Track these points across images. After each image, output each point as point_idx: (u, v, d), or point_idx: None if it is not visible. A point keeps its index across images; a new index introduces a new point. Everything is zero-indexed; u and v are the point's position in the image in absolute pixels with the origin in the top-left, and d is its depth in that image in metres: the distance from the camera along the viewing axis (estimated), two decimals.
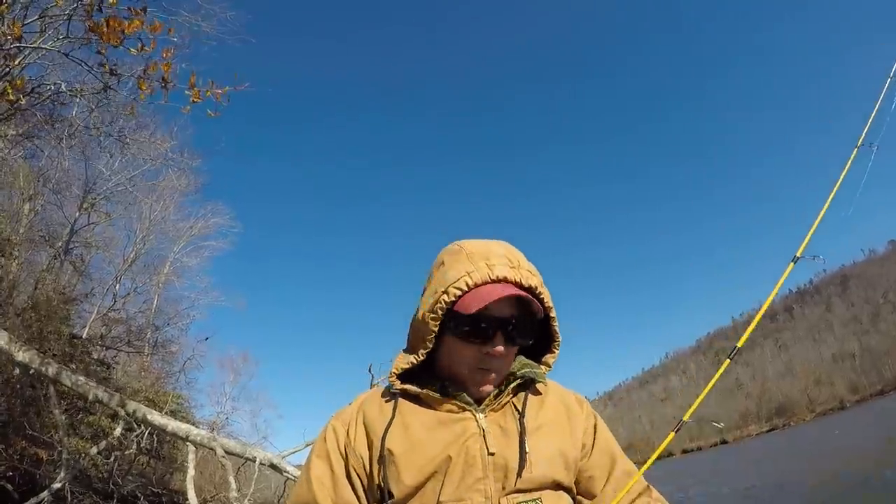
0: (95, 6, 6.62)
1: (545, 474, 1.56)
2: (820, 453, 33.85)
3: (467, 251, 1.62)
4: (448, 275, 1.58)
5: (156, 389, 24.39)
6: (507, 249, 1.64)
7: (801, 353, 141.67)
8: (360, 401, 1.72)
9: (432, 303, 1.57)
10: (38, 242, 21.53)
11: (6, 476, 12.48)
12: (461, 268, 1.57)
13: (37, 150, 16.99)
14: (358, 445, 1.60)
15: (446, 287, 1.55)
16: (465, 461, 1.52)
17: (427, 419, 1.59)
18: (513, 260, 1.59)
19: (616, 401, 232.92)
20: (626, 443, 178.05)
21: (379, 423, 1.60)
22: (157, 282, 32.33)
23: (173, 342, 31.74)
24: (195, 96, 7.52)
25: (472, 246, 1.64)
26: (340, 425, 1.66)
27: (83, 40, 7.26)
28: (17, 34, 7.08)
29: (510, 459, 1.54)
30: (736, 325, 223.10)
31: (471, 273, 1.54)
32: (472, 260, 1.58)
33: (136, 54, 7.12)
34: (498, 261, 1.57)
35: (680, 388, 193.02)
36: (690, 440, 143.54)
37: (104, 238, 28.16)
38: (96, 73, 7.73)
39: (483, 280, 1.52)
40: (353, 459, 1.59)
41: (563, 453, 1.62)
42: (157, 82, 7.45)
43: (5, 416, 13.49)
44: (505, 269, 1.54)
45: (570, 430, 1.70)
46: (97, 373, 19.32)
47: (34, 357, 9.81)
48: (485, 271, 1.53)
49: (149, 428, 10.28)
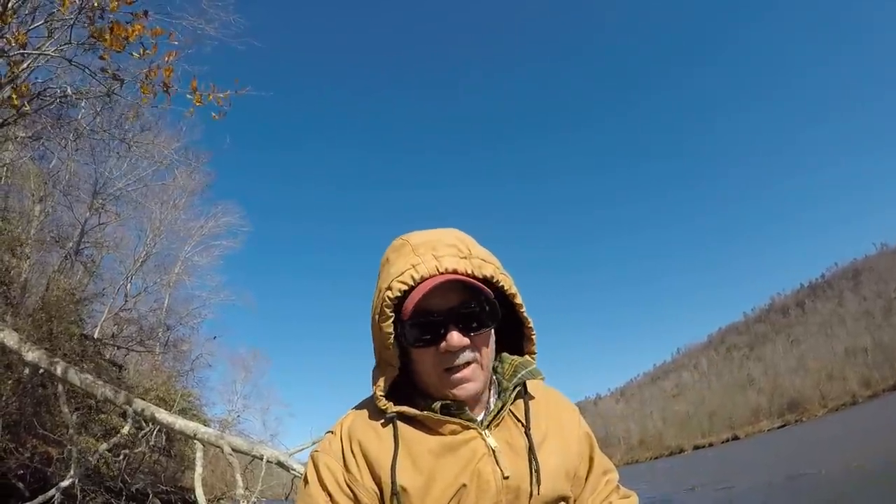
0: (97, 13, 6.71)
1: (553, 490, 1.47)
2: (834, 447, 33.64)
3: (412, 244, 1.46)
4: (391, 270, 1.43)
5: (167, 388, 24.54)
6: (456, 238, 1.49)
7: (813, 347, 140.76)
8: (344, 428, 1.51)
9: (377, 303, 1.43)
10: (49, 243, 21.64)
11: (17, 474, 12.62)
12: (405, 261, 1.42)
13: (46, 152, 17.13)
14: (366, 481, 1.41)
15: (389, 283, 1.40)
16: (478, 487, 1.39)
17: (433, 446, 1.42)
18: (462, 249, 1.44)
19: (628, 397, 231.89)
20: (638, 439, 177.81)
21: (383, 454, 1.41)
22: (168, 281, 32.52)
23: (184, 341, 31.94)
24: (197, 100, 7.59)
25: (418, 237, 1.48)
26: (334, 461, 1.46)
27: (87, 46, 7.35)
28: (21, 41, 7.18)
29: (522, 480, 1.42)
30: (748, 320, 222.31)
31: (416, 266, 1.39)
32: (418, 252, 1.43)
33: (139, 58, 7.22)
34: (446, 251, 1.42)
35: (692, 383, 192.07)
36: (702, 436, 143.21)
37: (115, 238, 28.35)
38: (99, 78, 7.83)
39: (430, 273, 1.37)
40: (365, 497, 1.40)
41: (564, 464, 1.53)
42: (159, 86, 7.54)
43: (17, 414, 13.62)
44: (454, 260, 1.40)
45: (567, 438, 1.60)
46: (109, 372, 19.43)
47: (42, 357, 9.94)
48: (432, 263, 1.38)
49: (157, 426, 10.41)
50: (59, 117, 10.98)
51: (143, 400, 11.00)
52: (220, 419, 35.49)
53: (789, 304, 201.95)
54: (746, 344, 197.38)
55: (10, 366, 13.08)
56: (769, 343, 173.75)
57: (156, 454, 18.18)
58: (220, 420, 35.26)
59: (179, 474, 22.14)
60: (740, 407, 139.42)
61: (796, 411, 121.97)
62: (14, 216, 18.22)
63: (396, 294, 1.37)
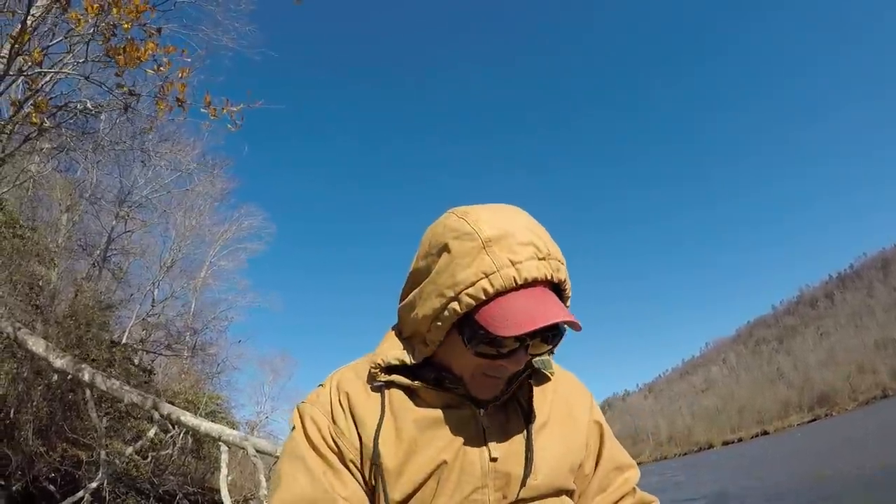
0: (111, 31, 6.87)
1: (550, 481, 1.35)
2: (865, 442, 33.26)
3: (483, 237, 1.21)
4: (458, 275, 1.20)
5: (195, 391, 24.73)
6: (532, 230, 1.25)
7: (843, 340, 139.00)
8: (335, 383, 1.40)
9: (437, 308, 1.24)
10: (76, 252, 21.89)
11: (48, 477, 12.83)
12: (477, 267, 1.18)
13: (72, 163, 17.45)
14: (352, 437, 1.32)
15: (458, 293, 1.20)
16: (461, 467, 1.28)
17: (420, 416, 1.31)
18: (541, 248, 1.21)
19: (657, 392, 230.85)
20: (667, 435, 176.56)
21: (369, 417, 1.31)
22: (195, 286, 32.72)
23: (212, 344, 32.10)
24: (212, 113, 7.71)
25: (487, 226, 1.23)
26: (321, 414, 1.35)
27: (102, 62, 7.52)
28: (37, 60, 7.37)
29: (513, 465, 1.31)
30: (776, 313, 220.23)
31: (490, 277, 1.17)
32: (491, 253, 1.19)
33: (153, 74, 7.38)
34: (524, 253, 1.19)
35: (720, 378, 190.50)
36: (731, 431, 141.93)
37: (141, 245, 28.48)
38: (116, 94, 8.01)
39: (508, 286, 1.17)
40: (351, 453, 1.31)
41: (567, 455, 1.41)
42: (173, 101, 7.68)
43: (47, 419, 13.85)
44: (534, 267, 1.18)
45: (574, 426, 1.47)
46: (138, 377, 19.66)
47: (70, 363, 10.17)
48: (509, 273, 1.17)
49: (183, 429, 10.60)
50: (82, 129, 11.22)
51: (171, 404, 11.20)
52: (248, 421, 35.86)
53: (818, 296, 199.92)
54: (775, 337, 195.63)
55: (40, 372, 13.30)
56: (798, 336, 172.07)
57: (184, 456, 18.37)
58: (248, 422, 35.63)
59: (209, 475, 22.31)
60: (769, 401, 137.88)
61: (826, 405, 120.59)
62: (42, 226, 18.51)
63: (465, 309, 1.20)
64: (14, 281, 14.92)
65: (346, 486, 1.28)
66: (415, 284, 1.34)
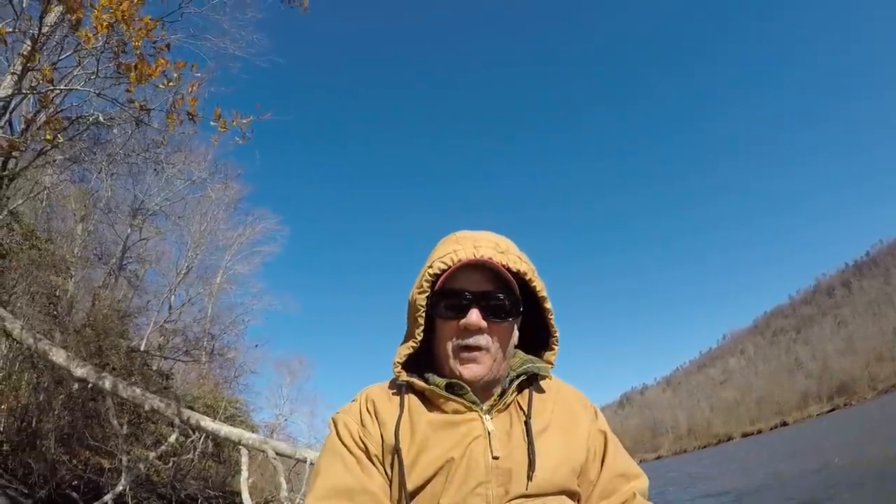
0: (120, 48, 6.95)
1: (550, 480, 1.49)
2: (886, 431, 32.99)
3: (458, 236, 1.65)
4: (435, 254, 1.62)
5: (214, 395, 24.85)
6: (499, 238, 1.65)
7: (861, 328, 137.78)
8: (364, 395, 1.68)
9: (422, 278, 1.58)
10: (92, 261, 22.01)
11: (72, 485, 12.98)
12: (449, 247, 1.60)
13: (85, 173, 17.59)
14: (377, 437, 1.55)
15: (431, 262, 1.58)
16: (467, 464, 1.46)
17: (433, 418, 1.53)
18: (502, 245, 1.61)
19: (674, 386, 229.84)
20: (686, 428, 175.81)
21: (389, 416, 1.56)
22: (211, 291, 33.00)
23: (230, 348, 32.25)
24: (222, 126, 7.78)
25: (464, 233, 1.67)
26: (351, 420, 1.60)
27: (113, 78, 7.62)
28: (48, 77, 7.48)
29: (515, 464, 1.47)
30: (793, 303, 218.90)
31: (457, 251, 1.56)
32: (460, 241, 1.61)
33: (163, 89, 7.46)
34: (486, 244, 1.59)
35: (739, 370, 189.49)
36: (750, 423, 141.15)
37: (157, 252, 28.77)
38: (127, 108, 8.10)
39: (468, 258, 1.54)
40: (374, 448, 1.54)
41: (568, 457, 1.55)
42: (184, 115, 7.75)
43: (68, 428, 13.98)
44: (491, 252, 1.56)
45: (576, 432, 1.62)
46: (157, 383, 19.78)
47: (91, 372, 10.27)
48: (470, 250, 1.55)
49: (203, 433, 10.73)
50: (94, 140, 11.34)
51: (191, 409, 11.33)
52: (267, 424, 35.94)
53: (835, 285, 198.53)
54: (793, 327, 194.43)
55: (60, 381, 13.42)
56: (816, 325, 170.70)
57: (205, 460, 18.50)
58: (267, 425, 35.71)
59: (229, 479, 22.44)
60: (788, 392, 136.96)
61: (845, 395, 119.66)
62: (57, 236, 18.62)
63: (436, 272, 1.55)
64: (32, 292, 15.07)
65: (373, 478, 1.50)
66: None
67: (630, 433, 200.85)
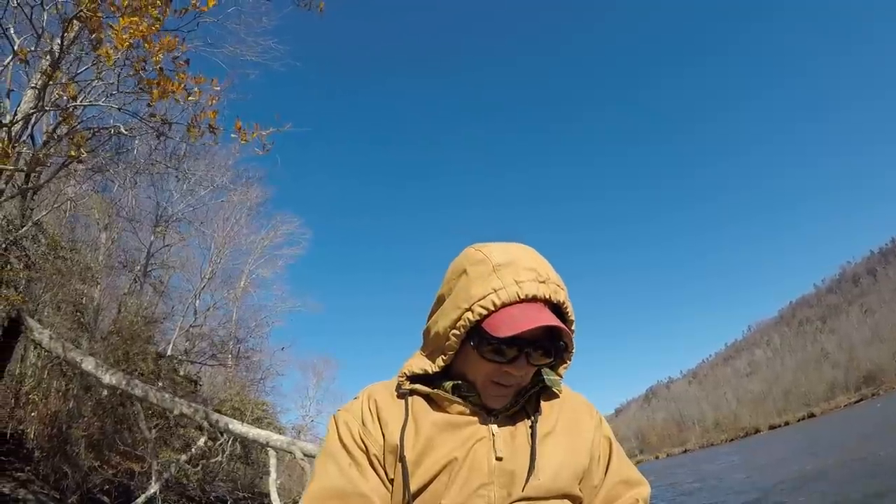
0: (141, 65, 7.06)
1: (553, 483, 1.49)
2: None
3: (494, 262, 1.49)
4: (472, 290, 1.47)
5: (241, 398, 25.06)
6: (534, 260, 1.52)
7: (888, 316, 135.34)
8: (366, 394, 1.62)
9: (454, 319, 1.48)
10: (117, 268, 22.25)
11: (103, 489, 13.18)
12: (487, 284, 1.45)
13: (107, 183, 17.78)
14: (378, 437, 1.51)
15: (471, 304, 1.45)
16: (470, 465, 1.45)
17: (437, 419, 1.51)
18: (541, 273, 1.48)
19: (700, 379, 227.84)
20: (713, 421, 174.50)
21: (392, 416, 1.53)
22: (235, 295, 33.06)
23: (255, 351, 32.35)
24: (242, 138, 7.87)
25: (497, 255, 1.51)
26: (352, 419, 1.56)
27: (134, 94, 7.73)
28: (71, 94, 7.62)
29: (518, 466, 1.47)
30: (818, 292, 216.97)
31: (498, 291, 1.43)
32: (500, 275, 1.46)
33: (184, 103, 7.57)
34: (526, 276, 1.46)
35: (765, 361, 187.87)
36: (777, 415, 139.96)
37: (180, 258, 29.01)
38: (148, 122, 8.22)
39: (511, 299, 1.42)
40: (374, 448, 1.50)
41: (572, 462, 1.55)
42: (205, 128, 7.84)
43: (98, 434, 14.18)
44: (534, 286, 1.44)
45: (580, 437, 1.61)
46: (185, 387, 19.94)
47: (121, 379, 10.43)
48: (513, 289, 1.43)
49: (231, 436, 10.84)
50: (116, 150, 11.49)
51: (218, 412, 11.46)
52: (294, 425, 36.21)
53: (860, 273, 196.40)
54: (818, 317, 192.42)
55: (89, 388, 13.63)
56: (842, 314, 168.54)
57: (233, 462, 18.68)
58: (294, 426, 35.98)
59: (258, 480, 22.60)
60: (815, 383, 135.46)
61: (873, 384, 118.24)
62: (82, 246, 18.79)
63: (476, 318, 1.43)
64: (58, 301, 15.28)
65: (369, 480, 1.47)
66: (438, 306, 1.59)
67: (657, 428, 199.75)
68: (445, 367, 1.56)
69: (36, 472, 12.40)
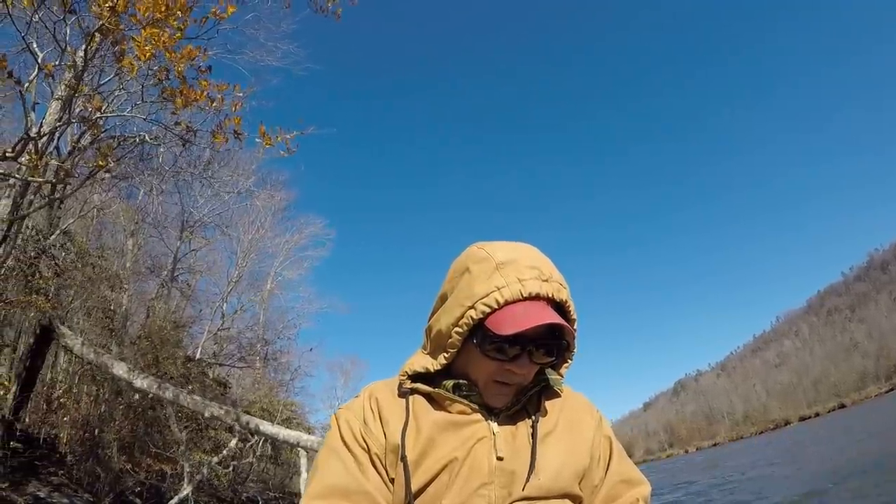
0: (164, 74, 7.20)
1: (554, 483, 1.48)
2: None
3: (497, 261, 1.48)
4: (475, 289, 1.46)
5: (270, 400, 25.33)
6: (537, 259, 1.51)
7: None
8: (368, 393, 1.62)
9: (458, 316, 1.47)
10: (144, 274, 22.46)
11: (135, 491, 13.38)
12: (491, 282, 1.44)
13: (133, 190, 18.02)
14: (379, 436, 1.51)
15: (474, 302, 1.44)
16: (470, 465, 1.45)
17: (438, 419, 1.51)
18: (544, 272, 1.47)
19: (729, 371, 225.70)
20: (742, 414, 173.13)
21: (393, 415, 1.53)
22: (262, 297, 33.50)
23: (283, 352, 32.48)
24: (267, 142, 7.98)
25: (500, 253, 1.50)
26: (354, 418, 1.56)
27: (158, 103, 7.87)
28: (97, 105, 7.77)
29: (518, 466, 1.46)
30: (846, 280, 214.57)
31: (501, 289, 1.42)
32: (503, 273, 1.45)
33: (208, 109, 7.69)
34: (529, 274, 1.45)
35: (794, 352, 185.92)
36: (808, 406, 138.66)
37: (207, 262, 29.28)
38: (173, 130, 8.36)
39: (514, 297, 1.42)
40: (375, 447, 1.50)
41: (572, 461, 1.54)
42: (230, 134, 7.97)
43: (130, 437, 14.38)
44: (536, 284, 1.44)
45: (581, 437, 1.61)
46: (214, 390, 20.14)
47: (152, 383, 10.58)
48: (516, 287, 1.42)
49: (262, 437, 10.96)
50: (141, 158, 11.68)
51: (248, 414, 11.58)
52: (323, 425, 36.34)
53: (889, 260, 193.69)
54: (847, 305, 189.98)
55: (120, 392, 13.83)
56: (871, 302, 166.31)
57: (263, 463, 18.84)
58: (323, 425, 36.12)
59: (287, 480, 22.72)
60: (845, 373, 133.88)
61: None
62: (109, 252, 18.97)
63: (479, 316, 1.43)
64: (88, 307, 15.49)
65: (370, 478, 1.46)
66: (440, 304, 1.58)
67: (686, 421, 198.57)
68: (447, 365, 1.56)
69: (69, 476, 12.58)
